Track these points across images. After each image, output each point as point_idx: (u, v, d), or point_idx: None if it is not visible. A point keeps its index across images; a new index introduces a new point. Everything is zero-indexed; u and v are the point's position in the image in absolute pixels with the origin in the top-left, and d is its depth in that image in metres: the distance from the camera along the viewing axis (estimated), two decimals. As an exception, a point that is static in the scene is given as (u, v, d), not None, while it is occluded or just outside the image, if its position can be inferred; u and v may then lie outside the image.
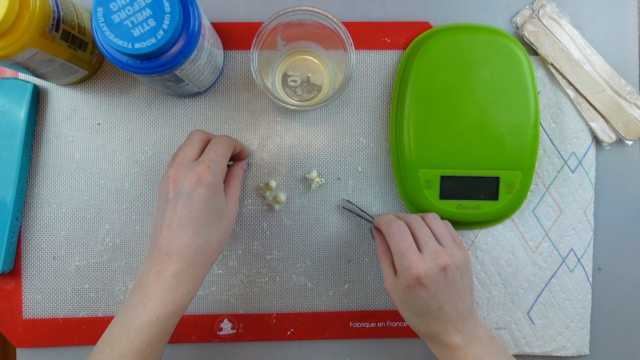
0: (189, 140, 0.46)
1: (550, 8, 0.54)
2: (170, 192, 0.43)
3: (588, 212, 0.55)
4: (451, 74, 0.51)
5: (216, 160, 0.44)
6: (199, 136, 0.46)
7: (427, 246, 0.44)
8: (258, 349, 0.55)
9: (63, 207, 0.54)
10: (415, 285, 0.43)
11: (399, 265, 0.44)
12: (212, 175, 0.43)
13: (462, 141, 0.51)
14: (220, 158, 0.45)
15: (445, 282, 0.43)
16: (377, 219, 0.49)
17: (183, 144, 0.46)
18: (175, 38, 0.40)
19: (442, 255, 0.44)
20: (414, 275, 0.43)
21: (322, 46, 0.53)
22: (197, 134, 0.47)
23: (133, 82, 0.54)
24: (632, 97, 0.54)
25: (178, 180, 0.43)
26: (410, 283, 0.43)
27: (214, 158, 0.44)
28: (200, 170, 0.43)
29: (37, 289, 0.54)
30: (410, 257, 0.43)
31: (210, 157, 0.44)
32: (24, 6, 0.40)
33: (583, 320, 0.55)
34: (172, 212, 0.42)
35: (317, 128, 0.55)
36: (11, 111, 0.52)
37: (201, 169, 0.43)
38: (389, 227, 0.46)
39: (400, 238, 0.45)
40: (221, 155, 0.45)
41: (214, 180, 0.43)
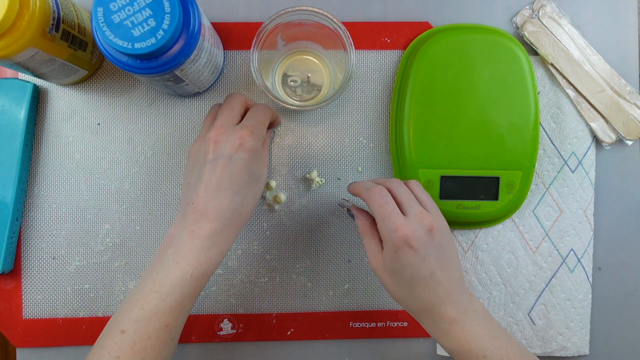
0: (230, 104, 0.46)
1: (550, 8, 0.54)
2: (210, 154, 0.43)
3: (588, 212, 0.55)
4: (451, 74, 0.51)
5: (258, 127, 0.45)
6: (240, 100, 0.47)
7: (411, 209, 0.42)
8: (258, 349, 0.55)
9: (63, 207, 0.54)
10: (404, 249, 0.41)
11: (384, 230, 0.42)
12: (254, 140, 0.44)
13: (462, 141, 0.51)
14: (262, 125, 0.46)
15: (433, 244, 0.42)
16: (352, 186, 0.47)
17: (223, 106, 0.47)
18: (175, 38, 0.40)
19: (427, 217, 0.42)
20: (401, 237, 0.40)
21: (322, 46, 0.53)
22: (237, 97, 0.47)
23: (133, 82, 0.54)
24: (632, 97, 0.54)
25: (219, 142, 0.43)
26: (399, 246, 0.41)
27: (256, 124, 0.45)
28: (244, 135, 0.44)
29: (37, 289, 0.54)
30: (396, 220, 0.41)
31: (253, 122, 0.45)
32: (24, 6, 0.40)
33: (583, 320, 0.55)
34: (210, 172, 0.43)
35: (317, 128, 0.55)
36: (11, 111, 0.52)
37: (245, 133, 0.44)
38: (369, 192, 0.43)
39: (383, 201, 0.42)
40: (262, 123, 0.46)
41: (255, 145, 0.44)
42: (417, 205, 0.43)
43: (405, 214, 0.42)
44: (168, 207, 0.54)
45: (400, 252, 0.41)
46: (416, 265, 0.41)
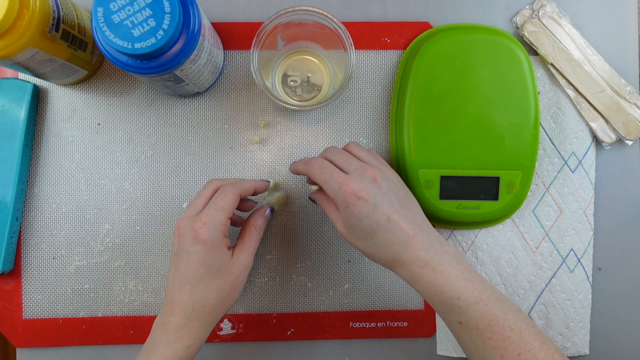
0: (200, 192, 0.46)
1: (550, 8, 0.54)
2: (175, 246, 0.44)
3: (588, 212, 0.55)
4: (451, 74, 0.51)
5: (214, 215, 0.43)
6: (210, 187, 0.46)
7: (350, 166, 0.43)
8: (258, 349, 0.55)
9: (63, 207, 0.54)
10: (353, 202, 0.41)
11: (330, 192, 0.42)
12: (208, 232, 0.42)
13: (462, 141, 0.51)
14: (219, 212, 0.43)
15: (381, 191, 0.41)
16: (292, 166, 0.48)
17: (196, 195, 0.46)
18: (175, 38, 0.40)
19: (368, 168, 0.42)
20: (347, 192, 0.41)
21: (322, 46, 0.53)
22: (209, 185, 0.46)
23: (133, 82, 0.54)
24: (632, 97, 0.54)
25: (182, 235, 0.43)
26: (348, 201, 0.41)
27: (211, 213, 0.43)
28: (197, 227, 0.42)
29: (37, 289, 0.54)
30: (337, 178, 0.42)
31: (209, 212, 0.43)
32: (24, 6, 0.40)
33: (583, 320, 0.55)
34: (175, 267, 0.44)
35: (317, 128, 0.55)
36: (11, 111, 0.52)
37: (197, 225, 0.42)
38: (308, 165, 0.44)
39: (322, 167, 0.43)
40: (221, 209, 0.43)
41: (209, 237, 0.42)
42: (355, 161, 0.43)
43: (347, 172, 0.43)
44: (168, 207, 0.54)
45: (351, 207, 0.41)
46: (370, 215, 0.41)
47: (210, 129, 0.55)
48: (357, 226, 0.42)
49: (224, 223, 0.43)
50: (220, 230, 0.43)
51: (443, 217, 0.52)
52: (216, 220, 0.43)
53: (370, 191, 0.41)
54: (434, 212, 0.52)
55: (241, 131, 0.55)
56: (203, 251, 0.42)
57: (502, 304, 0.40)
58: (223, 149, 0.55)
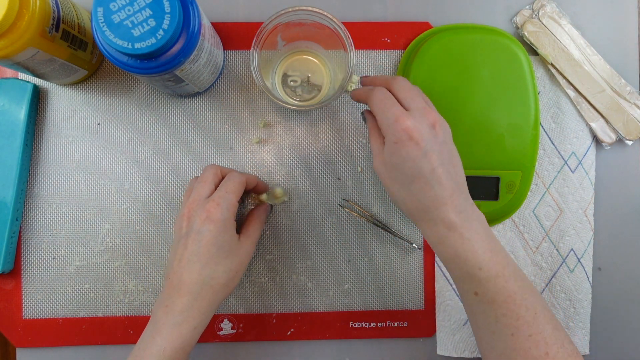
0: (202, 177, 0.46)
1: (550, 8, 0.54)
2: (183, 229, 0.45)
3: (588, 212, 0.55)
4: (451, 74, 0.51)
5: (225, 197, 0.44)
6: (212, 172, 0.47)
7: (414, 103, 0.40)
8: (258, 349, 0.55)
9: (63, 207, 0.54)
10: (405, 141, 0.38)
11: (384, 122, 0.40)
12: (221, 212, 0.44)
13: (462, 141, 0.51)
14: (230, 195, 0.45)
15: (437, 141, 0.39)
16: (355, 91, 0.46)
17: (197, 181, 0.47)
18: (175, 38, 0.40)
19: (431, 112, 0.40)
20: (401, 127, 0.39)
21: (322, 46, 0.53)
22: (209, 170, 0.47)
23: (133, 82, 0.54)
24: (632, 97, 0.54)
25: (190, 217, 0.44)
26: (399, 137, 0.39)
27: (223, 195, 0.45)
28: (210, 207, 0.44)
29: (37, 289, 0.54)
30: (396, 111, 0.39)
31: (220, 194, 0.45)
32: (24, 6, 0.40)
33: (583, 320, 0.55)
34: (183, 247, 0.44)
35: (317, 128, 0.55)
36: (11, 111, 0.52)
37: (210, 205, 0.44)
38: (371, 92, 0.42)
39: (383, 96, 0.41)
40: (231, 192, 0.45)
41: (222, 217, 0.44)
42: (421, 101, 0.41)
43: (408, 110, 0.40)
44: (168, 207, 0.54)
45: (400, 145, 0.39)
46: (417, 160, 0.39)
47: (210, 129, 0.55)
48: (398, 166, 0.40)
49: (235, 205, 0.45)
50: (232, 211, 0.45)
51: (443, 217, 0.52)
52: (228, 201, 0.44)
53: (425, 135, 0.39)
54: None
55: (241, 131, 0.55)
56: (215, 230, 0.43)
57: (522, 282, 0.40)
58: (223, 149, 0.55)
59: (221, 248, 0.44)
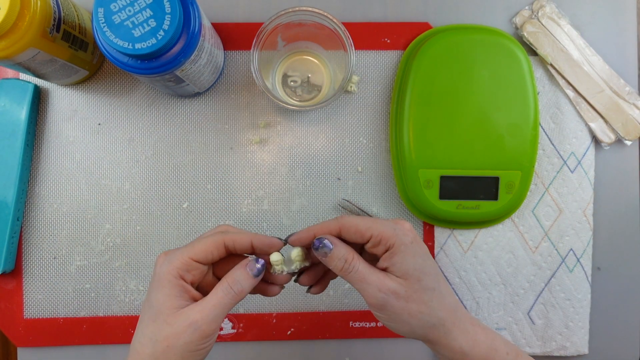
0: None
1: (549, 8, 0.54)
2: None
3: (587, 212, 0.55)
4: (451, 74, 0.51)
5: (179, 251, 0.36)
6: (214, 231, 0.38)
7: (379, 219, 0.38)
8: (258, 349, 0.55)
9: (64, 207, 0.54)
10: (417, 239, 0.37)
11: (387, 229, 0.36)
12: (160, 265, 0.36)
13: (462, 141, 0.51)
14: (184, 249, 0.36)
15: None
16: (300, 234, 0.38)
17: None
18: (176, 38, 0.40)
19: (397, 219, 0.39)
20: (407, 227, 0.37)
21: (322, 46, 0.53)
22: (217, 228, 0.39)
23: (133, 82, 0.54)
24: (631, 98, 0.55)
25: None
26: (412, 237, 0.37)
27: (180, 248, 0.37)
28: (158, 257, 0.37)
29: (38, 289, 0.54)
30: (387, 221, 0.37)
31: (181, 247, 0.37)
32: (25, 7, 0.40)
33: (582, 320, 0.55)
34: None
35: (317, 128, 0.55)
36: (12, 111, 0.52)
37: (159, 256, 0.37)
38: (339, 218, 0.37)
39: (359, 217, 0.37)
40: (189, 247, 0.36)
41: (159, 270, 0.36)
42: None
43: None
44: (168, 207, 0.54)
45: (416, 244, 0.37)
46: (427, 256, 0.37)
47: (210, 129, 0.55)
48: (424, 268, 0.36)
49: (183, 261, 0.35)
50: (174, 266, 0.35)
51: (443, 217, 0.52)
52: (176, 254, 0.36)
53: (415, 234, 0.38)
54: (433, 212, 0.52)
55: (241, 131, 0.55)
56: (152, 285, 0.36)
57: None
58: (223, 149, 0.55)
59: (152, 308, 0.35)
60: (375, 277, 0.36)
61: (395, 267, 0.36)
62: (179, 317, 0.35)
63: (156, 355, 0.35)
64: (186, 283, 0.36)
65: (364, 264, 0.37)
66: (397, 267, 0.36)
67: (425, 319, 0.36)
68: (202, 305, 0.35)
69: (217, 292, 0.36)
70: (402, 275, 0.36)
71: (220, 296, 0.35)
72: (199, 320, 0.34)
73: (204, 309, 0.35)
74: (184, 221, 0.54)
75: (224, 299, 0.35)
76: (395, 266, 0.36)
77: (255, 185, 0.55)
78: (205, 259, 0.36)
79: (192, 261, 0.35)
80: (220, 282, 0.36)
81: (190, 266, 0.36)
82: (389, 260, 0.36)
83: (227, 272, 0.37)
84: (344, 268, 0.37)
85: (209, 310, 0.35)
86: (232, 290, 0.36)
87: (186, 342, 0.34)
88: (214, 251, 0.36)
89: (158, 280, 0.35)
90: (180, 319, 0.35)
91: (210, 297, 0.36)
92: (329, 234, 0.37)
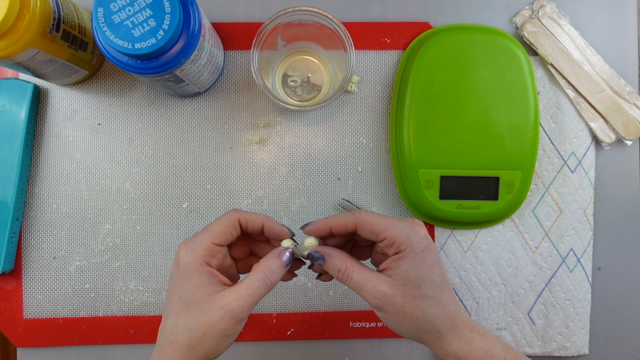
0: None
1: (550, 8, 0.54)
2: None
3: (588, 212, 0.55)
4: (451, 74, 0.51)
5: (197, 238, 0.37)
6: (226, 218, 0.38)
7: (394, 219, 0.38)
8: (258, 349, 0.55)
9: (63, 207, 0.54)
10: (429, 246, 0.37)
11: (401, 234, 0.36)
12: (184, 255, 0.36)
13: (462, 141, 0.51)
14: (206, 234, 0.36)
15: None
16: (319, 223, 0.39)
17: None
18: (176, 38, 0.40)
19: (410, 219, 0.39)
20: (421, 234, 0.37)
21: (322, 46, 0.53)
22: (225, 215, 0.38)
23: (133, 82, 0.54)
24: (632, 97, 0.54)
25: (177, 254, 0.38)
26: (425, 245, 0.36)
27: (198, 235, 0.37)
28: (179, 249, 0.37)
29: (37, 289, 0.54)
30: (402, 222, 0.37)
31: (198, 234, 0.37)
32: (24, 7, 0.40)
33: (583, 320, 0.55)
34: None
35: (317, 128, 0.55)
36: (12, 111, 0.52)
37: (180, 247, 0.37)
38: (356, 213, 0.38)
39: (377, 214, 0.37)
40: (209, 231, 0.37)
41: (184, 260, 0.36)
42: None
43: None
44: (168, 207, 0.54)
45: (427, 252, 0.36)
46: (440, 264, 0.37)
47: (210, 129, 0.55)
48: (427, 277, 0.36)
49: (206, 247, 0.36)
50: (199, 254, 0.36)
51: (443, 217, 0.52)
52: (197, 242, 0.36)
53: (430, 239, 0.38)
54: (434, 212, 0.52)
55: (241, 131, 0.55)
56: (177, 276, 0.36)
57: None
58: (223, 149, 0.55)
59: (182, 299, 0.36)
60: (370, 285, 0.37)
61: (398, 271, 0.36)
62: (213, 304, 0.35)
63: (192, 344, 0.35)
64: (213, 269, 0.36)
65: (359, 271, 0.37)
66: (400, 272, 0.36)
67: (420, 325, 0.37)
68: (238, 293, 0.35)
69: (254, 281, 0.36)
70: (403, 281, 0.36)
71: (257, 286, 0.36)
72: (235, 309, 0.35)
73: (241, 297, 0.35)
74: (184, 221, 0.54)
75: (261, 289, 0.36)
76: (398, 270, 0.36)
77: (255, 185, 0.55)
78: (225, 240, 0.37)
79: (214, 246, 0.36)
80: (256, 271, 0.37)
81: (214, 251, 0.36)
82: (395, 262, 0.37)
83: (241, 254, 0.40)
84: (339, 277, 0.38)
85: (246, 299, 0.35)
86: (269, 280, 0.36)
87: (222, 329, 0.35)
88: (232, 230, 0.37)
89: (185, 271, 0.36)
90: (215, 306, 0.35)
91: (246, 285, 0.36)
92: (344, 227, 0.38)
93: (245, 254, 0.42)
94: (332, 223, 0.38)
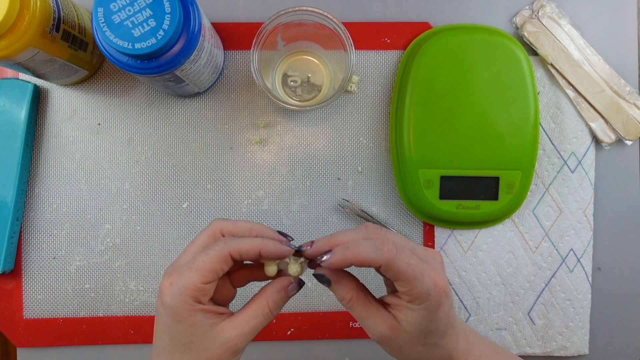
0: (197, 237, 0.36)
1: (550, 8, 0.54)
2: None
3: (588, 212, 0.55)
4: (451, 74, 0.51)
5: (184, 276, 0.33)
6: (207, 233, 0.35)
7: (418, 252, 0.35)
8: (258, 349, 0.55)
9: (63, 207, 0.54)
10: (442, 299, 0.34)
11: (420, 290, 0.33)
12: (171, 296, 0.33)
13: (462, 141, 0.51)
14: (193, 273, 0.32)
15: None
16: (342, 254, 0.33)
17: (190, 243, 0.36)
18: (176, 38, 0.40)
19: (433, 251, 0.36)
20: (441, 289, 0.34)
21: (322, 46, 0.53)
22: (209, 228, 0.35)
23: (133, 82, 0.54)
24: (632, 97, 0.54)
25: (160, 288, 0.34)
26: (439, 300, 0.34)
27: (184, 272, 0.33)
28: (163, 286, 0.33)
29: (37, 289, 0.54)
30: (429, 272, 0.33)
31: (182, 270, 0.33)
32: (24, 6, 0.40)
33: (583, 320, 0.55)
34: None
35: (317, 128, 0.55)
36: (12, 111, 0.52)
37: (164, 284, 0.33)
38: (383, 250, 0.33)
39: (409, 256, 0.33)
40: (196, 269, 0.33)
41: (171, 303, 0.33)
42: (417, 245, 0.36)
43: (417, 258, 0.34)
44: (168, 207, 0.54)
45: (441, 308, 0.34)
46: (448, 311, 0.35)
47: (210, 129, 0.55)
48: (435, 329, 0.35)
49: (196, 288, 0.33)
50: (188, 295, 0.32)
51: (443, 217, 0.52)
52: (184, 282, 0.32)
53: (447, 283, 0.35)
54: (434, 212, 0.52)
55: (241, 131, 0.55)
56: (166, 318, 0.33)
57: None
58: (223, 149, 0.55)
59: (175, 340, 0.33)
60: (372, 322, 0.35)
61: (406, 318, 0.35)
62: (214, 340, 0.33)
63: None
64: (205, 305, 0.34)
65: (363, 305, 0.35)
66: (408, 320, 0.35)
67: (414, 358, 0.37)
68: (241, 329, 0.34)
69: (257, 316, 0.34)
70: (408, 327, 0.35)
71: (261, 320, 0.34)
72: (233, 341, 0.33)
73: (244, 334, 0.34)
74: (184, 221, 0.54)
75: (264, 323, 0.35)
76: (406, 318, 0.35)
77: (255, 185, 0.55)
78: (215, 277, 0.33)
79: (204, 285, 0.33)
80: (259, 305, 0.35)
81: (203, 290, 0.33)
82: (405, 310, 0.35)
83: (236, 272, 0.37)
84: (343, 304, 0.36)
85: (248, 334, 0.34)
86: (270, 312, 0.35)
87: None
88: (223, 266, 0.34)
89: (174, 314, 0.33)
90: (216, 343, 0.33)
91: (248, 319, 0.34)
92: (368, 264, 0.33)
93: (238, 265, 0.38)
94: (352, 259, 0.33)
